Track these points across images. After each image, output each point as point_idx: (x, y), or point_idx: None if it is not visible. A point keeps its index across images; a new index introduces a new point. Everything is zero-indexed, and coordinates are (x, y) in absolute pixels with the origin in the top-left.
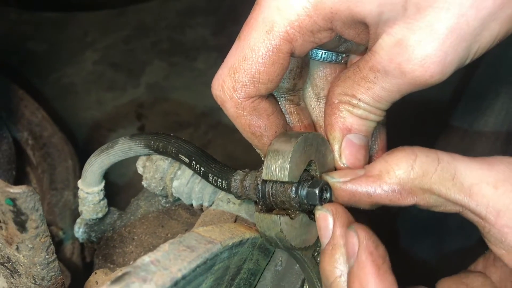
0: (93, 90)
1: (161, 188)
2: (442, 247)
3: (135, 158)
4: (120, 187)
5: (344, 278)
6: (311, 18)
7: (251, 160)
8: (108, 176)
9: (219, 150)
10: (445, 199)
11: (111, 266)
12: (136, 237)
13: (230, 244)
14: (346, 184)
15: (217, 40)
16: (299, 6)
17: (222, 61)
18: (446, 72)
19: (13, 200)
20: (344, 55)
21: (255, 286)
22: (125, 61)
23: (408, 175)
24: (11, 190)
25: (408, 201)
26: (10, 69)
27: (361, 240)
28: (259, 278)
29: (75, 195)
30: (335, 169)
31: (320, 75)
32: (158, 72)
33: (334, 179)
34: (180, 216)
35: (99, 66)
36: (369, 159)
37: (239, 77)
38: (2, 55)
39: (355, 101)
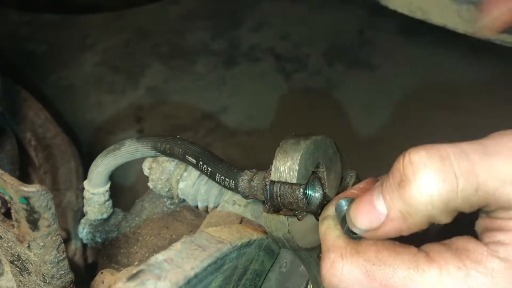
0: (93, 92)
1: (167, 190)
2: None
3: (138, 160)
4: (123, 188)
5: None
6: None
7: (250, 163)
8: (111, 177)
9: (218, 153)
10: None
11: (116, 266)
12: (140, 238)
13: (239, 245)
14: (374, 234)
15: (216, 44)
16: None
17: (222, 65)
18: None
19: (26, 199)
20: None
21: (260, 286)
22: (125, 64)
23: (431, 210)
24: (25, 189)
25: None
26: (11, 70)
27: None
28: (264, 279)
29: (78, 196)
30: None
31: None
32: (157, 75)
33: (360, 231)
34: (185, 217)
35: (98, 68)
36: None
37: None
38: (3, 56)
39: None
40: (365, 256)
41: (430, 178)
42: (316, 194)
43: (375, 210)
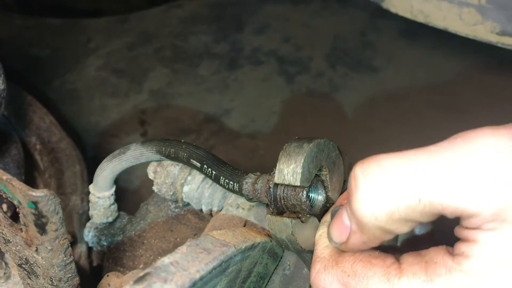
0: (96, 96)
1: (171, 193)
2: None
3: (143, 164)
4: (128, 192)
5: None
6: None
7: (253, 166)
8: (116, 181)
9: (221, 156)
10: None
11: (121, 269)
12: (145, 241)
13: (243, 248)
14: (346, 246)
15: (219, 47)
16: None
17: (225, 68)
18: None
19: (35, 203)
20: None
21: None
22: (128, 67)
23: (377, 222)
24: (34, 194)
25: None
26: (15, 75)
27: None
28: (268, 282)
29: (83, 200)
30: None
31: None
32: (161, 79)
33: (335, 244)
34: (189, 221)
35: (102, 72)
36: None
37: None
38: (7, 60)
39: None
40: (342, 268)
41: (368, 192)
42: (319, 197)
43: (343, 224)
